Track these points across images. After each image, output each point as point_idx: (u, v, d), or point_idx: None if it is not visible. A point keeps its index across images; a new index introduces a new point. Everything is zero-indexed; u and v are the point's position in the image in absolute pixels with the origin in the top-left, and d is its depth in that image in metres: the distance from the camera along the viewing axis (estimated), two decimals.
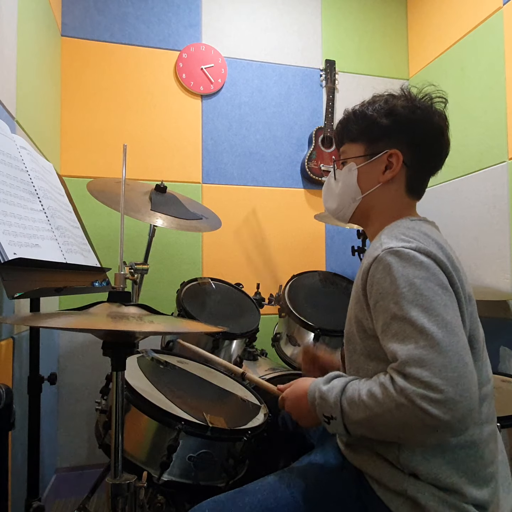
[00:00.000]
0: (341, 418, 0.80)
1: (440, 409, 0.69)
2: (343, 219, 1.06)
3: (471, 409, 0.70)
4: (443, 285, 0.78)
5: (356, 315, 0.90)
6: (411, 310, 0.75)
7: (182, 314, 1.63)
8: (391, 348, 0.76)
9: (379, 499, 0.83)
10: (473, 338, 0.85)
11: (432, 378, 0.70)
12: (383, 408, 0.74)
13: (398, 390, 0.72)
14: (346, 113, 1.02)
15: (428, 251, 0.81)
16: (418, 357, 0.72)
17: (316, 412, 0.85)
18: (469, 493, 0.80)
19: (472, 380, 0.72)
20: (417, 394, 0.70)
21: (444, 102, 0.98)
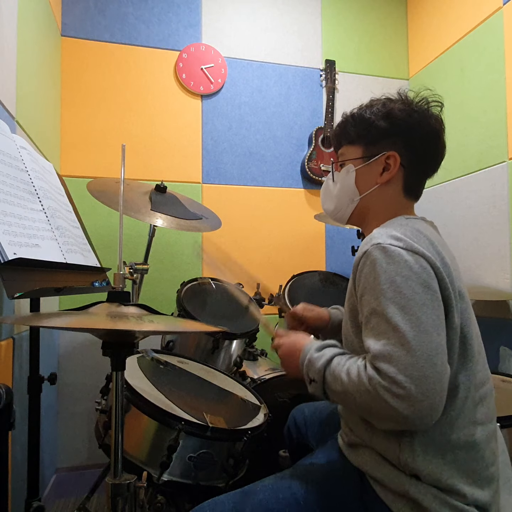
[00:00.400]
0: (321, 383, 0.85)
1: (400, 403, 0.72)
2: (341, 220, 1.08)
3: (431, 409, 0.73)
4: (425, 284, 0.79)
5: (350, 309, 0.92)
6: (388, 307, 0.78)
7: (182, 314, 1.63)
8: (367, 341, 0.80)
9: (381, 500, 0.83)
10: (467, 336, 0.85)
11: (397, 374, 0.73)
12: (354, 388, 0.79)
13: (367, 377, 0.77)
14: (344, 116, 1.04)
15: (415, 248, 0.82)
16: (387, 353, 0.75)
17: (303, 370, 0.90)
18: (471, 494, 0.80)
19: (438, 381, 0.73)
20: (382, 386, 0.74)
21: (440, 106, 1.00)
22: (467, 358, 0.84)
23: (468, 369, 0.84)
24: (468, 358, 0.84)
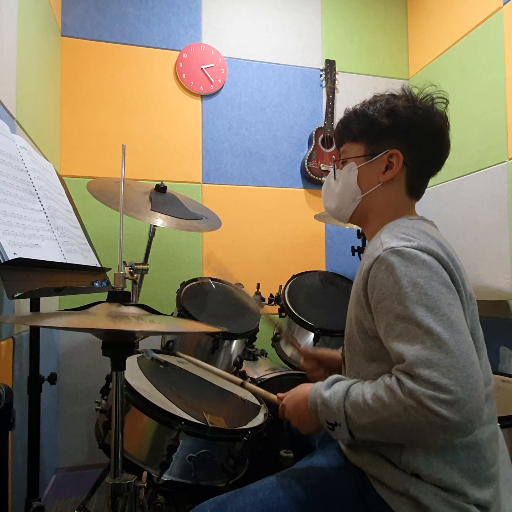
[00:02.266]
0: (345, 424, 0.79)
1: (450, 410, 0.68)
2: (343, 219, 1.06)
3: (479, 409, 0.70)
4: (446, 283, 0.78)
5: (356, 316, 0.90)
6: (416, 310, 0.75)
7: (182, 314, 1.63)
8: (397, 348, 0.76)
9: (381, 499, 0.83)
10: (474, 337, 0.84)
11: (440, 378, 0.69)
12: (391, 411, 0.73)
13: (407, 392, 0.72)
14: (347, 112, 1.01)
15: (429, 249, 0.81)
16: (426, 358, 0.71)
17: (319, 419, 0.84)
18: (471, 494, 0.80)
19: (479, 379, 0.71)
20: (427, 396, 0.69)
21: (445, 103, 0.98)
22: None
23: None
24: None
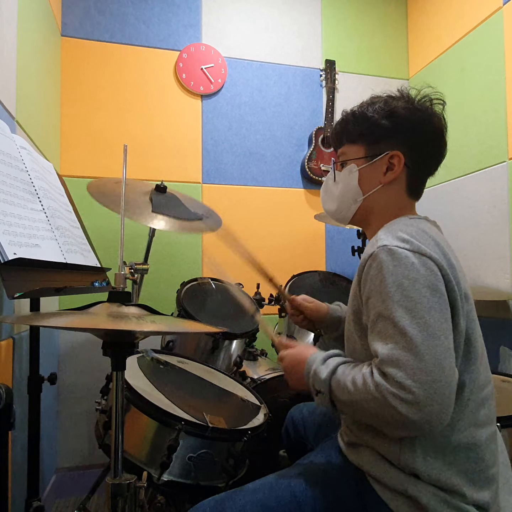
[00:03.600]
0: (328, 394, 0.85)
1: (409, 409, 0.72)
2: (343, 220, 1.06)
3: (440, 413, 0.72)
4: (433, 286, 0.78)
5: (354, 311, 0.91)
6: (395, 310, 0.77)
7: (182, 314, 1.63)
8: (374, 345, 0.80)
9: (380, 498, 0.83)
10: (471, 337, 0.84)
11: (405, 379, 0.72)
12: (361, 396, 0.78)
13: (374, 384, 0.76)
14: (345, 114, 1.02)
15: (422, 250, 0.81)
16: (396, 358, 0.74)
17: (309, 382, 0.89)
18: (470, 495, 0.80)
19: (447, 384, 0.73)
20: (390, 392, 0.73)
21: (443, 104, 0.99)
22: (471, 360, 0.84)
23: (471, 371, 0.83)
24: (471, 360, 0.84)
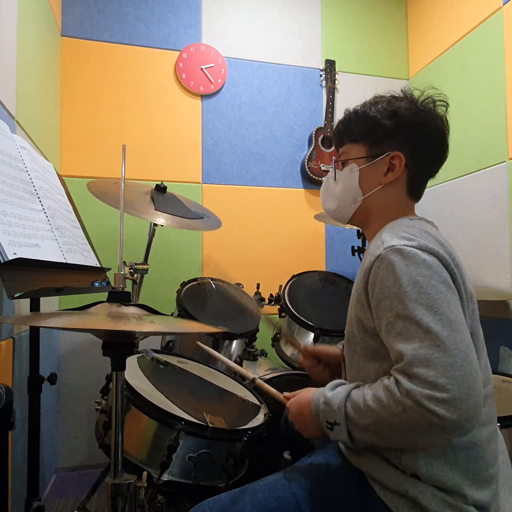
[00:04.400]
0: (345, 423, 0.80)
1: (447, 408, 0.69)
2: (343, 220, 1.06)
3: (477, 407, 0.70)
4: (446, 282, 0.78)
5: (357, 315, 0.90)
6: (415, 309, 0.75)
7: (182, 314, 1.63)
8: (396, 347, 0.76)
9: (380, 499, 0.83)
10: (474, 336, 0.84)
11: (438, 377, 0.70)
12: (390, 412, 0.74)
13: (404, 392, 0.72)
14: (347, 113, 1.01)
15: (430, 248, 0.81)
16: (424, 357, 0.72)
17: (320, 419, 0.84)
18: (470, 495, 0.79)
19: (477, 377, 0.72)
20: (424, 395, 0.70)
21: (446, 106, 0.98)
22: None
23: None
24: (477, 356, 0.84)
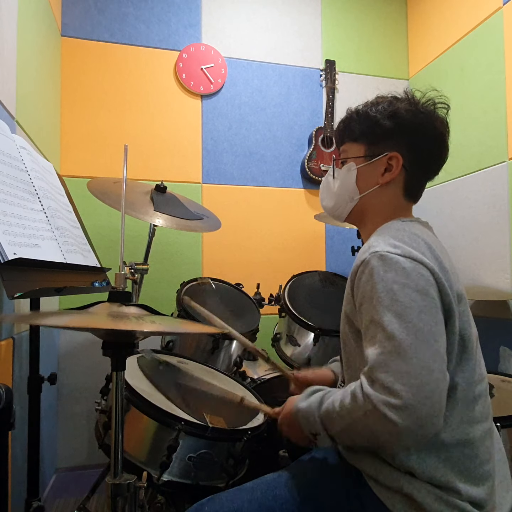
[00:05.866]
0: (324, 432, 0.83)
1: (399, 415, 0.71)
2: (339, 218, 1.07)
3: (431, 416, 0.71)
4: (423, 290, 0.79)
5: (347, 315, 0.91)
6: (384, 315, 0.77)
7: (182, 314, 1.63)
8: (365, 351, 0.79)
9: (376, 497, 0.83)
10: (465, 338, 0.85)
11: (394, 384, 0.72)
12: (353, 417, 0.77)
13: (365, 396, 0.75)
14: (349, 112, 1.02)
15: (413, 255, 0.81)
16: (384, 362, 0.74)
17: (306, 429, 0.88)
18: (465, 491, 0.80)
19: (436, 387, 0.72)
20: (380, 400, 0.72)
21: (447, 108, 0.99)
22: (465, 360, 0.84)
23: (465, 370, 0.84)
24: (465, 360, 0.85)
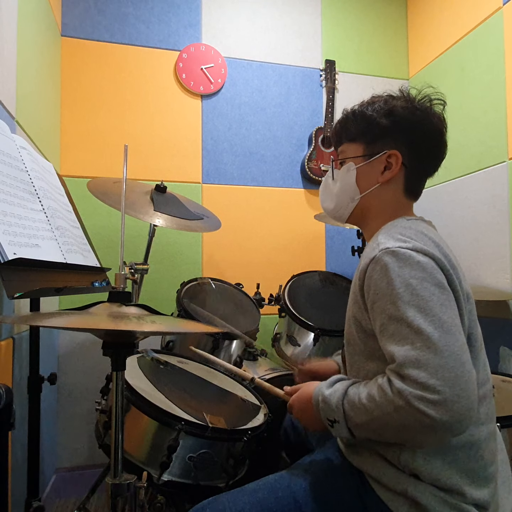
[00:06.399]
0: (344, 421, 0.81)
1: (438, 410, 0.69)
2: (341, 219, 1.07)
3: (469, 409, 0.70)
4: (440, 284, 0.79)
5: (354, 316, 0.90)
6: (407, 310, 0.76)
7: (182, 314, 1.63)
8: (389, 349, 0.77)
9: (380, 499, 0.83)
10: (471, 337, 0.85)
11: (429, 379, 0.70)
12: (382, 410, 0.75)
13: (396, 392, 0.73)
14: (345, 113, 1.02)
15: (425, 250, 0.81)
16: (415, 358, 0.72)
17: (321, 416, 0.85)
18: (470, 494, 0.80)
19: (469, 379, 0.72)
20: (414, 396, 0.70)
21: (443, 105, 0.99)
22: (473, 357, 0.83)
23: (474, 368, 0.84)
24: (472, 360, 0.84)
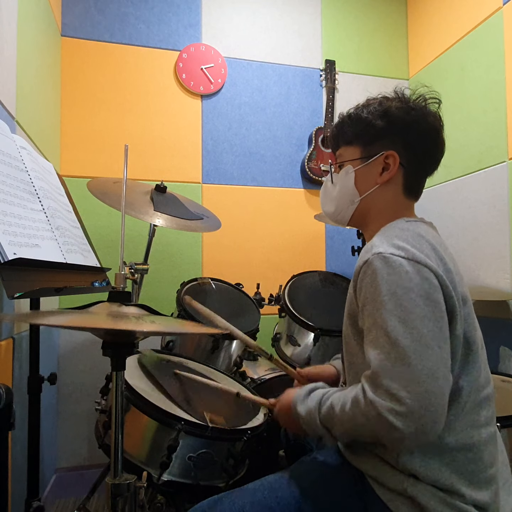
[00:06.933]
0: (328, 434, 0.85)
1: (404, 422, 0.71)
2: (342, 222, 1.07)
3: (435, 422, 0.72)
4: (427, 295, 0.78)
5: (350, 316, 0.91)
6: (388, 319, 0.77)
7: (182, 314, 1.63)
8: (368, 353, 0.79)
9: (379, 499, 0.83)
10: (469, 340, 0.84)
11: (399, 391, 0.72)
12: (356, 421, 0.78)
13: (368, 402, 0.75)
14: (341, 116, 1.03)
15: (417, 257, 0.81)
16: (388, 369, 0.74)
17: (309, 433, 0.89)
18: (469, 495, 0.80)
19: (440, 395, 0.73)
20: (384, 407, 0.73)
21: (438, 103, 0.99)
22: (469, 363, 0.84)
23: (469, 374, 0.84)
24: (470, 363, 0.84)
